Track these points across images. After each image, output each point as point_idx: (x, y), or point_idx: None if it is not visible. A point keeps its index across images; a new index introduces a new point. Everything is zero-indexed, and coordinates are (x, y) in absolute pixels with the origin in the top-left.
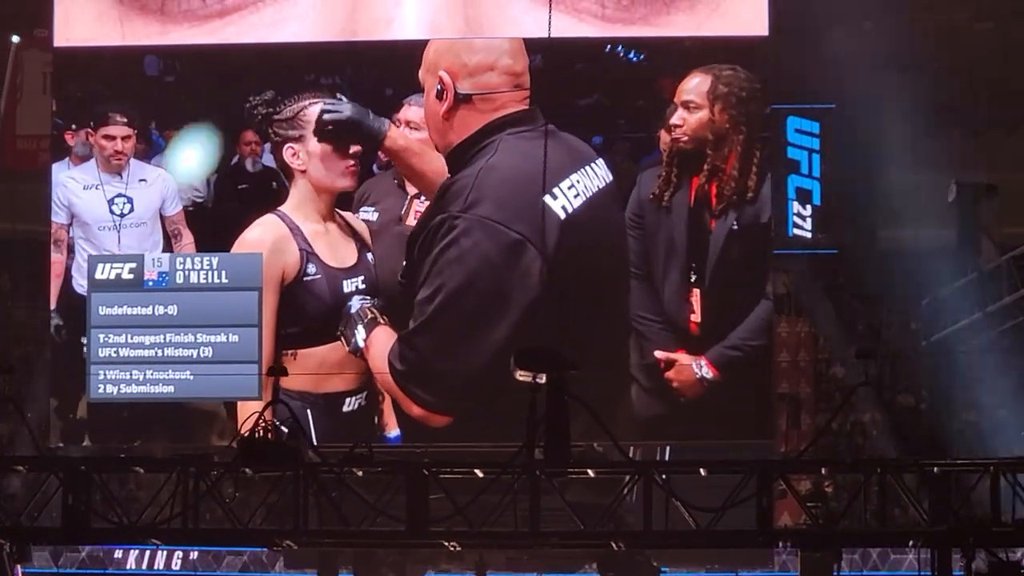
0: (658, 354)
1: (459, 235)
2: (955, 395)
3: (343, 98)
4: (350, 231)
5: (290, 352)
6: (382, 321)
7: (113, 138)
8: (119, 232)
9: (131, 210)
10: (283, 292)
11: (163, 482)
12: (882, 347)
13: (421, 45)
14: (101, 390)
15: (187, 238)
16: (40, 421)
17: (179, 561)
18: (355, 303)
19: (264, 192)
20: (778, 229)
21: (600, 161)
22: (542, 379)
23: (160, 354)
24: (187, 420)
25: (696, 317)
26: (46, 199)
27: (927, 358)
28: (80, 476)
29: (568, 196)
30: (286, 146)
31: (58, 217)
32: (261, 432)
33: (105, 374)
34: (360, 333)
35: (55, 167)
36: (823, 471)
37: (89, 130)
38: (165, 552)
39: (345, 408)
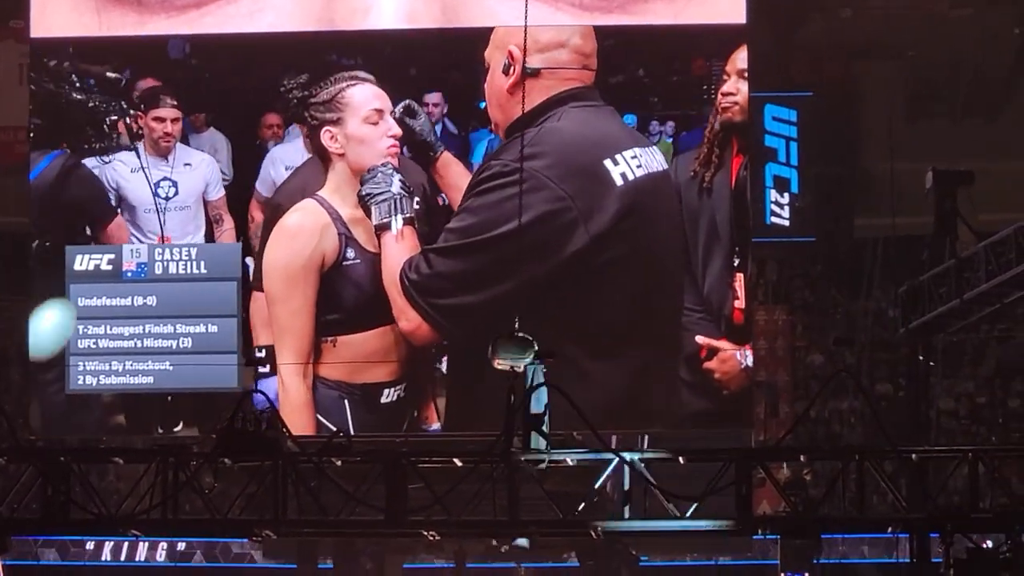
0: (700, 339)
1: (505, 181)
2: (933, 382)
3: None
4: None
5: (329, 339)
6: (415, 226)
7: (163, 120)
8: (163, 215)
9: (175, 193)
10: (322, 278)
11: (142, 472)
12: (860, 335)
13: (433, 33)
14: (80, 381)
15: (228, 223)
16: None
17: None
18: (396, 184)
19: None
20: (756, 217)
21: (655, 149)
22: (520, 367)
23: (139, 345)
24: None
25: (740, 303)
26: (24, 191)
27: (905, 345)
28: (59, 466)
29: (630, 165)
30: (323, 129)
31: (106, 200)
32: (240, 422)
33: (84, 365)
34: (397, 221)
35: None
36: (802, 459)
37: (139, 113)
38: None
39: (383, 399)
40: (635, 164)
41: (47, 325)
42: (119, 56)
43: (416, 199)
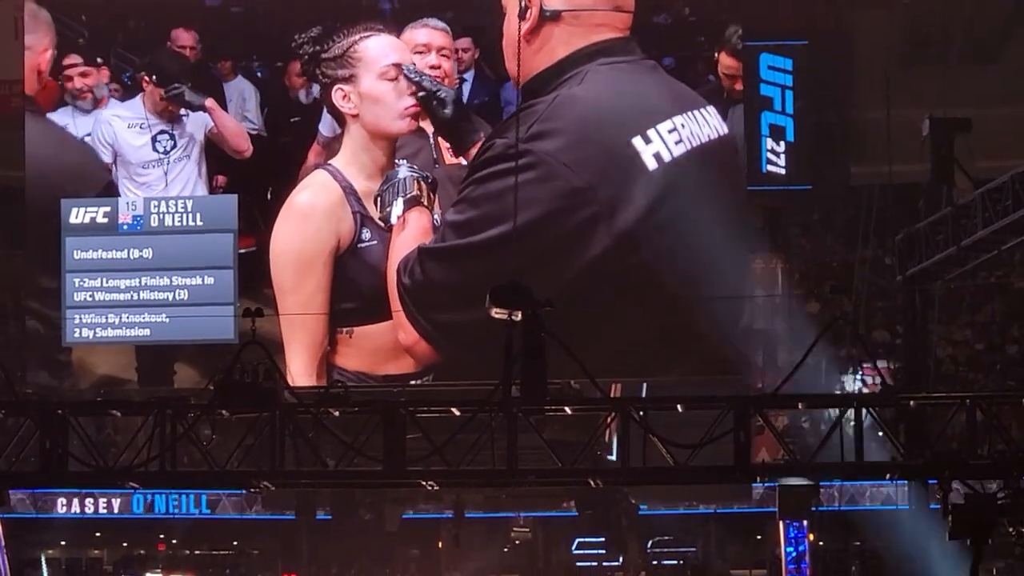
0: None
1: (509, 167)
2: (931, 330)
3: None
4: None
5: (346, 330)
6: (424, 202)
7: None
8: (166, 168)
9: (174, 146)
10: (336, 263)
11: (140, 425)
12: (857, 282)
13: None
14: (77, 334)
15: None
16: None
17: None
18: (403, 170)
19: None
20: (752, 166)
21: (711, 109)
22: (517, 316)
23: (135, 297)
24: None
25: None
26: (20, 144)
27: (902, 293)
28: (57, 420)
29: (667, 141)
30: (335, 88)
31: (103, 156)
32: (238, 374)
33: (80, 318)
34: (398, 206)
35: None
36: (800, 406)
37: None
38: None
39: None
40: (673, 140)
41: None
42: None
43: (426, 175)
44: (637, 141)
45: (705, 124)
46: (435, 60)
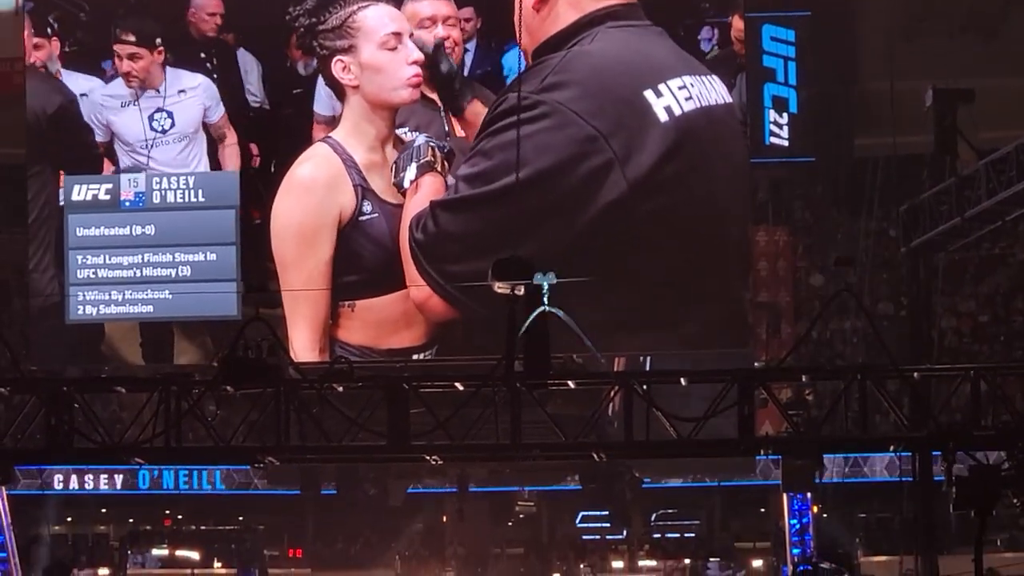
0: None
1: (523, 117)
2: (935, 301)
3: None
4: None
5: (347, 304)
6: (438, 169)
7: (121, 57)
8: (160, 148)
9: (172, 125)
10: (339, 236)
11: (145, 401)
12: (861, 254)
13: None
14: (80, 311)
15: (231, 138)
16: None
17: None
18: (420, 138)
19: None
20: (755, 137)
21: (715, 78)
22: (520, 290)
23: (139, 274)
24: None
25: None
26: (20, 122)
27: (906, 265)
28: (62, 397)
29: (678, 97)
30: (334, 59)
31: (97, 136)
32: (242, 350)
33: (84, 295)
34: (411, 172)
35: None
36: (804, 379)
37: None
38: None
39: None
40: (683, 96)
41: None
42: None
43: (442, 144)
44: (649, 94)
45: (712, 90)
46: (443, 32)
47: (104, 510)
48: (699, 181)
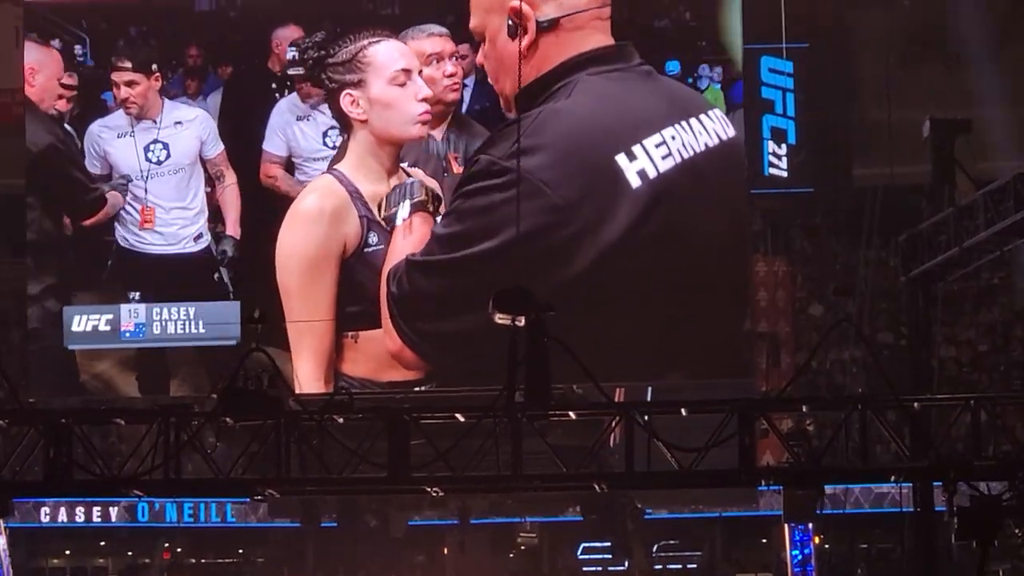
0: None
1: (493, 184)
2: (934, 331)
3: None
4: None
5: (350, 335)
6: (430, 209)
7: (118, 85)
8: (156, 180)
9: (167, 156)
10: (343, 267)
11: (144, 433)
12: (860, 284)
13: None
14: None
15: (230, 179)
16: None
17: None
18: (417, 176)
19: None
20: (754, 168)
21: (716, 113)
22: (521, 321)
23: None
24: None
25: None
26: (21, 153)
27: (905, 295)
28: (61, 429)
29: (653, 157)
30: (343, 93)
31: (94, 168)
32: (242, 381)
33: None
34: (404, 209)
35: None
36: (804, 409)
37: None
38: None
39: None
40: (661, 154)
41: None
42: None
43: (434, 192)
44: (621, 158)
45: (702, 132)
46: (451, 68)
47: (103, 543)
48: (683, 235)
